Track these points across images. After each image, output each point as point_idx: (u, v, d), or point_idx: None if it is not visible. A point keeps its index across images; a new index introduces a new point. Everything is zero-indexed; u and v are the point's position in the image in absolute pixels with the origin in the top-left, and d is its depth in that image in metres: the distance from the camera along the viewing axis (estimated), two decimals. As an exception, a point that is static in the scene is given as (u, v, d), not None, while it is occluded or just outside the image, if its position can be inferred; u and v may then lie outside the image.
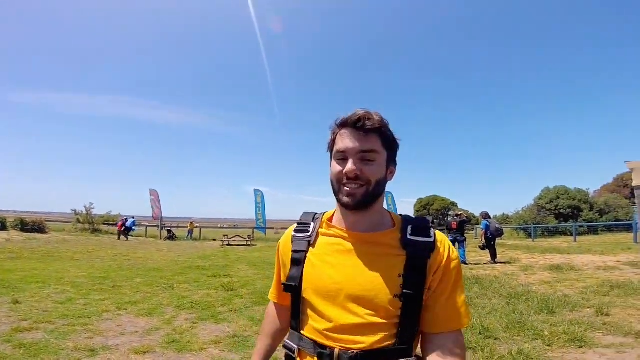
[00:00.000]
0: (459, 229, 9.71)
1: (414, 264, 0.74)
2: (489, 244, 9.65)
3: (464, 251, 9.68)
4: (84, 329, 3.74)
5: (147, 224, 23.62)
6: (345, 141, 0.76)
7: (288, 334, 0.86)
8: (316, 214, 0.90)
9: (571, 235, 17.55)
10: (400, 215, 0.85)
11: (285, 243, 0.90)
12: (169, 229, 21.09)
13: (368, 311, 0.73)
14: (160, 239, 19.85)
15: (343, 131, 0.78)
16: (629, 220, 17.08)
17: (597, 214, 21.28)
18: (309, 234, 0.85)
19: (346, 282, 0.75)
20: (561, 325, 3.64)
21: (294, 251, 0.84)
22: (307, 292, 0.79)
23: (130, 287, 6.15)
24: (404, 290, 0.72)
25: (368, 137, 0.75)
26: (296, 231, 0.88)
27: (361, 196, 0.74)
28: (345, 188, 0.75)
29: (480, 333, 3.64)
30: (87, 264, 9.01)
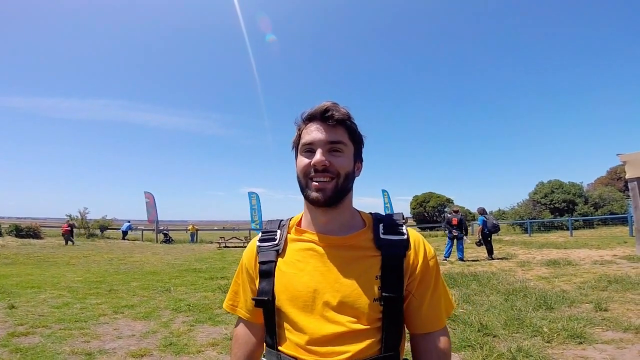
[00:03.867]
0: (459, 226, 9.68)
1: (390, 264, 0.71)
2: (486, 240, 9.65)
3: (463, 248, 9.68)
4: (80, 333, 3.71)
5: (143, 227, 23.43)
6: (313, 133, 0.73)
7: (264, 354, 0.78)
8: (282, 220, 0.84)
9: (567, 229, 17.67)
10: (370, 213, 0.82)
11: (250, 255, 0.83)
12: (165, 232, 20.94)
13: (349, 318, 0.68)
14: (157, 242, 19.72)
15: (310, 124, 0.75)
16: (624, 214, 17.20)
17: (592, 208, 21.36)
18: (275, 243, 0.79)
19: (322, 288, 0.70)
20: (560, 321, 3.63)
21: (260, 263, 0.78)
22: (282, 304, 0.73)
23: (126, 290, 6.10)
24: (384, 293, 0.68)
25: (336, 129, 0.73)
26: (261, 240, 0.81)
27: (331, 191, 0.70)
28: (314, 182, 0.71)
29: (478, 330, 3.62)
30: (83, 269, 8.94)
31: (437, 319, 0.74)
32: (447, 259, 9.76)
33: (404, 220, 0.78)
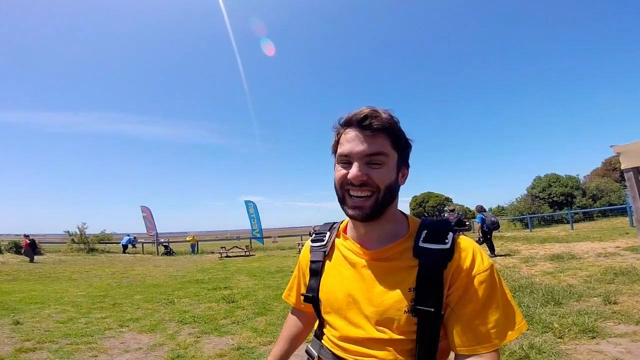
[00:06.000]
0: (457, 225, 9.66)
1: (426, 275, 0.66)
2: (486, 238, 9.63)
3: None
4: (87, 348, 3.67)
5: (143, 240, 23.29)
6: (351, 144, 0.69)
7: (312, 341, 0.86)
8: (334, 223, 0.88)
9: (567, 222, 17.62)
10: (422, 218, 0.78)
11: (305, 253, 0.90)
12: (165, 244, 20.80)
13: (379, 327, 0.69)
14: (158, 254, 19.58)
15: (347, 131, 0.71)
16: (623, 204, 17.09)
17: (590, 200, 21.32)
18: (324, 244, 0.83)
19: (356, 296, 0.73)
20: (570, 316, 3.60)
21: (311, 261, 0.84)
22: (324, 304, 0.79)
23: (130, 304, 6.04)
24: (416, 306, 0.65)
25: (375, 138, 0.68)
26: (313, 241, 0.88)
27: (369, 208, 0.68)
28: (352, 199, 0.69)
29: None
30: (85, 283, 8.85)
31: (481, 341, 0.64)
32: None
33: (464, 228, 0.76)
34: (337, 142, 0.74)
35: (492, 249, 9.64)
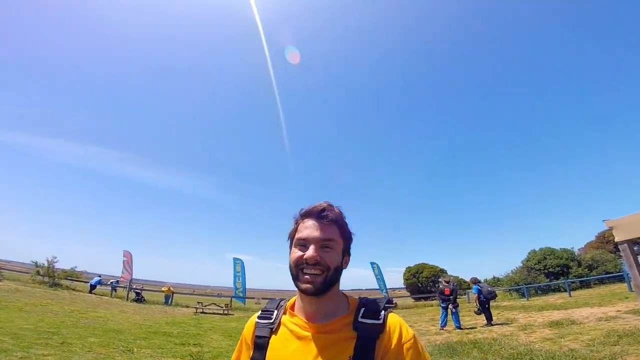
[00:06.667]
0: (452, 295, 9.56)
1: (362, 345, 0.78)
2: (484, 307, 9.44)
3: (458, 316, 9.39)
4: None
5: (113, 282, 21.64)
6: (308, 230, 0.85)
7: None
8: (281, 300, 0.96)
9: (565, 291, 17.16)
10: (359, 298, 0.91)
11: (249, 328, 0.95)
12: (138, 290, 19.28)
13: None
14: (127, 300, 17.99)
15: (306, 220, 0.87)
16: (619, 272, 16.84)
17: (586, 269, 21.02)
18: (271, 321, 0.90)
19: None
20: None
21: (257, 336, 0.89)
22: None
23: (82, 345, 5.37)
24: None
25: (328, 227, 0.85)
26: (259, 318, 0.93)
27: (320, 284, 0.81)
28: (305, 276, 0.82)
29: None
30: (36, 317, 7.89)
31: None
32: (444, 328, 9.29)
33: (392, 305, 0.87)
34: (295, 230, 0.88)
35: (489, 318, 9.34)
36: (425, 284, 30.73)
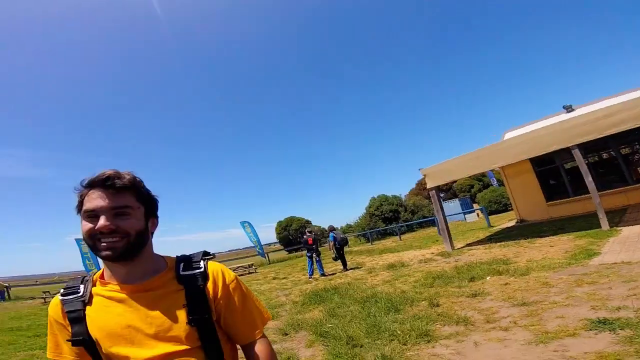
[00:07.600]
0: (314, 244, 10.34)
1: (192, 294, 0.85)
2: (339, 254, 10.53)
3: (321, 264, 10.32)
4: None
5: None
6: (95, 201, 0.81)
7: None
8: (85, 276, 0.91)
9: (397, 234, 22.00)
10: (176, 256, 0.94)
11: (55, 309, 0.88)
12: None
13: (170, 343, 0.81)
14: None
15: (92, 191, 0.82)
16: (432, 216, 22.08)
17: (410, 214, 27.42)
18: (80, 294, 0.86)
19: (136, 323, 0.81)
20: (407, 322, 3.96)
21: (68, 312, 0.84)
22: (103, 343, 0.81)
23: None
24: (191, 317, 0.83)
25: (120, 195, 0.82)
26: (64, 295, 0.88)
27: (121, 248, 0.80)
28: (102, 243, 0.79)
29: (347, 343, 3.64)
30: None
31: (254, 330, 0.94)
32: (312, 276, 10.09)
33: (210, 256, 0.94)
34: (81, 203, 0.83)
35: (344, 263, 10.56)
36: (295, 236, 33.20)
